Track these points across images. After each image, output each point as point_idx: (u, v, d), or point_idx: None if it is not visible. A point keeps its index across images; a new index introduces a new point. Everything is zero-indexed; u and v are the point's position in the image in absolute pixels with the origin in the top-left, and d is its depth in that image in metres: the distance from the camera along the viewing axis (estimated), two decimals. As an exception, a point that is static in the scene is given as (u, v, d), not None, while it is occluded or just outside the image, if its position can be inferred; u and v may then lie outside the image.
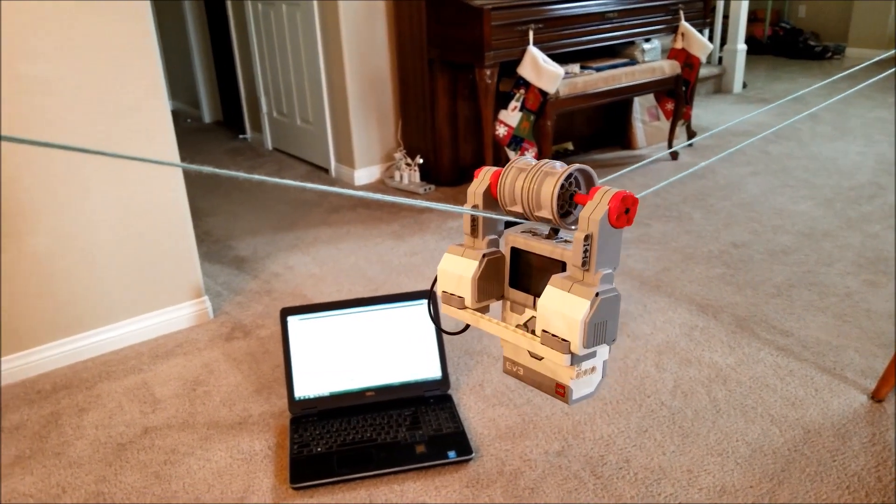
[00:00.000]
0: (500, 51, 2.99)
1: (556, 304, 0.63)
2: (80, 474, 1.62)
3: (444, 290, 0.76)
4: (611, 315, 0.63)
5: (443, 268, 0.76)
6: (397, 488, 1.52)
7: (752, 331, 2.08)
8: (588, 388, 0.69)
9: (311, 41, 3.57)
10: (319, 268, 2.61)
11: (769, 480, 1.51)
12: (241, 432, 1.73)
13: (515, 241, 0.72)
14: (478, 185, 0.73)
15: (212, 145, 4.52)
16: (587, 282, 0.63)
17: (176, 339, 2.16)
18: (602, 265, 0.63)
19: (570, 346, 0.63)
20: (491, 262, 0.73)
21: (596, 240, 0.61)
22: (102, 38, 1.87)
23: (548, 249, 0.69)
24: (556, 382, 0.69)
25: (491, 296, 0.75)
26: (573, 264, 0.64)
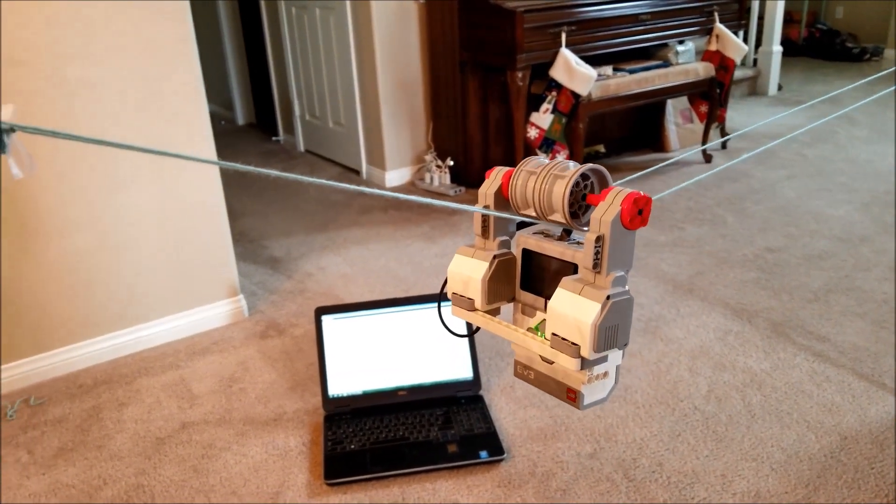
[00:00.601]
0: (533, 53, 2.99)
1: (566, 306, 0.62)
2: (120, 467, 1.66)
3: (454, 292, 0.75)
4: (622, 319, 0.62)
5: (452, 269, 0.74)
6: (429, 486, 1.53)
7: (787, 336, 2.06)
8: (600, 393, 0.68)
9: (343, 44, 3.60)
10: (351, 268, 2.63)
11: (804, 486, 1.49)
12: (276, 429, 1.75)
13: (527, 243, 0.71)
14: (489, 185, 0.71)
15: (245, 147, 4.58)
16: (598, 284, 0.62)
17: (212, 337, 2.20)
18: (614, 267, 0.61)
19: (581, 350, 0.61)
20: (502, 263, 0.72)
21: (608, 241, 0.60)
22: (145, 42, 1.91)
23: (559, 251, 0.67)
24: (568, 387, 0.67)
25: (502, 298, 0.73)
26: (584, 266, 0.62)
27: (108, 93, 1.90)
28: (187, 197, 2.10)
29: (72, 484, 1.61)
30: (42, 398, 1.94)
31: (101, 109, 1.90)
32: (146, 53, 1.92)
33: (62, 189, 1.90)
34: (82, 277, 2.00)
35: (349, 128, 3.81)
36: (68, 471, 1.66)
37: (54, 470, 1.66)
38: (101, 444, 1.75)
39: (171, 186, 2.06)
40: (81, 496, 1.57)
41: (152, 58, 1.93)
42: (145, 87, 1.94)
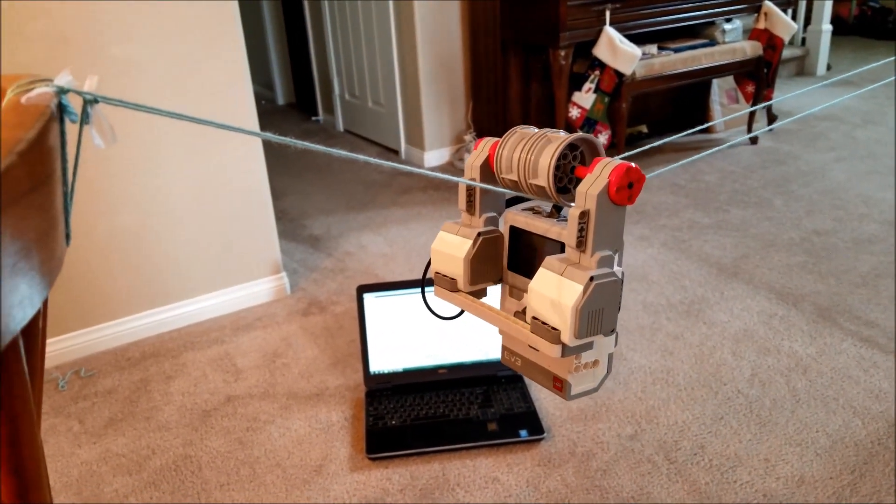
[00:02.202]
0: (576, 31, 2.95)
1: (547, 288, 0.56)
2: (167, 437, 1.71)
3: (437, 272, 0.69)
4: (608, 302, 0.56)
5: (436, 246, 0.68)
6: (470, 463, 1.54)
7: (834, 321, 2.01)
8: (589, 383, 0.62)
9: (384, 23, 3.60)
10: (390, 247, 2.65)
11: (850, 473, 1.47)
12: (318, 403, 1.78)
13: (515, 220, 0.65)
14: (476, 156, 0.65)
15: (285, 126, 4.62)
16: (583, 264, 0.56)
17: (256, 313, 2.24)
18: (600, 246, 0.56)
19: (561, 336, 0.56)
20: (487, 241, 0.66)
21: (593, 217, 0.55)
22: (190, 21, 1.93)
23: (546, 228, 0.62)
24: (554, 376, 0.62)
25: (487, 279, 0.68)
26: (569, 245, 0.57)
27: (152, 72, 1.92)
28: (232, 176, 2.13)
29: (121, 453, 1.66)
30: (92, 370, 2.00)
31: (146, 88, 1.92)
32: (191, 33, 1.94)
33: (110, 169, 1.94)
34: (130, 255, 2.04)
35: (389, 108, 3.81)
36: (118, 440, 1.71)
37: (104, 439, 1.71)
38: (149, 415, 1.80)
39: (216, 165, 2.09)
40: (131, 465, 1.62)
41: (197, 37, 1.95)
42: (189, 66, 1.97)
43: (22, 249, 0.37)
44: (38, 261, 0.39)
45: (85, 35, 1.81)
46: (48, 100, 0.41)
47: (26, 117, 0.39)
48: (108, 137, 0.42)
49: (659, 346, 1.94)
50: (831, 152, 3.41)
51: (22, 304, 0.37)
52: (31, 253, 0.38)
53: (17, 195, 0.36)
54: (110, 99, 0.42)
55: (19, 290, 0.36)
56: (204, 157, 2.07)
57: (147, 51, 1.90)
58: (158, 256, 2.09)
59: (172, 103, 1.96)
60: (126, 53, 1.87)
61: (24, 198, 0.37)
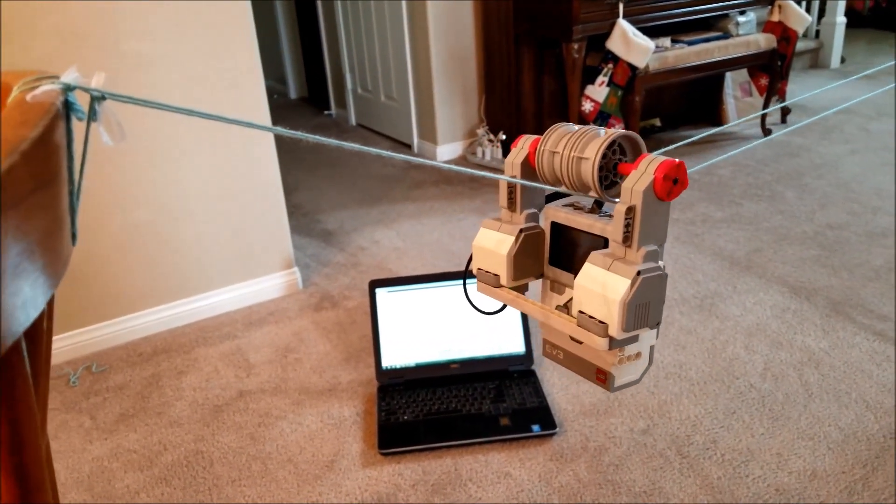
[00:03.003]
0: (589, 24, 2.94)
1: (593, 283, 0.58)
2: (179, 433, 1.72)
3: (479, 268, 0.71)
4: (654, 296, 0.58)
5: (477, 243, 0.70)
6: (482, 458, 1.55)
7: (847, 315, 2.00)
8: (632, 375, 0.64)
9: (397, 16, 3.60)
10: (403, 242, 2.65)
11: (862, 467, 1.46)
12: (330, 398, 1.79)
13: (556, 216, 0.67)
14: (516, 154, 0.67)
15: (298, 121, 4.63)
16: (629, 259, 0.58)
17: (268, 308, 2.25)
18: (646, 241, 0.57)
19: (609, 329, 0.57)
20: (529, 237, 0.67)
21: (639, 213, 0.56)
22: (204, 18, 1.94)
23: (589, 224, 0.63)
24: (597, 368, 0.64)
25: (529, 274, 0.69)
26: (614, 240, 0.59)
27: (166, 68, 1.94)
28: (244, 170, 2.14)
29: (133, 449, 1.68)
30: (104, 366, 2.02)
31: (159, 84, 1.94)
32: (204, 30, 1.95)
33: (124, 164, 1.96)
34: (142, 250, 2.06)
35: (401, 102, 3.81)
36: (129, 436, 1.72)
37: (116, 435, 1.73)
38: (160, 410, 1.81)
39: (228, 161, 2.11)
40: (142, 461, 1.63)
41: (210, 34, 1.96)
42: (203, 63, 1.98)
43: (25, 250, 0.36)
44: (42, 262, 0.39)
45: (98, 31, 1.82)
46: (54, 97, 0.41)
47: (31, 115, 0.39)
48: (117, 135, 0.43)
49: (671, 340, 1.93)
50: (845, 145, 3.37)
51: (25, 307, 0.37)
52: (34, 254, 0.37)
53: (21, 196, 0.35)
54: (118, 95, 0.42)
55: (22, 292, 0.36)
56: (217, 151, 2.08)
57: (161, 47, 1.91)
58: (171, 251, 2.11)
59: (185, 99, 1.98)
60: (140, 49, 1.88)
61: (28, 198, 0.36)
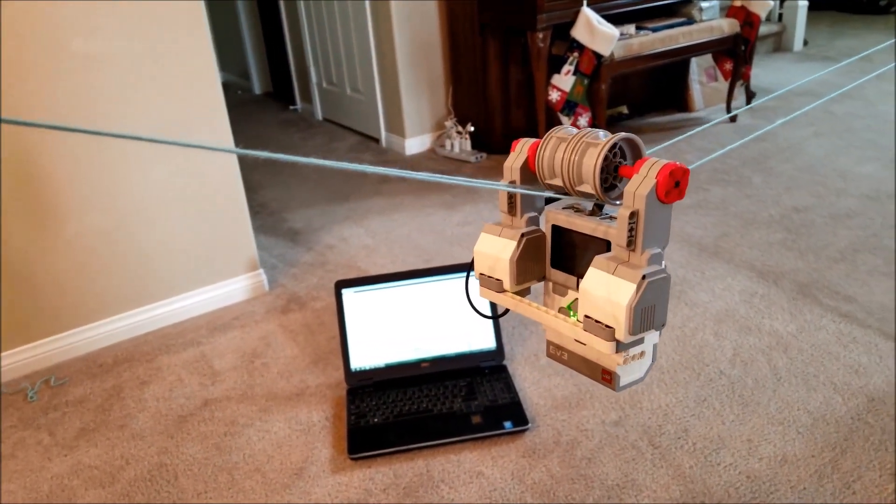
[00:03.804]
0: (553, 13, 2.92)
1: (599, 287, 0.58)
2: (142, 446, 1.68)
3: (481, 273, 0.71)
4: (659, 299, 0.58)
5: (479, 249, 0.70)
6: (454, 458, 1.54)
7: (814, 297, 2.02)
8: (637, 373, 0.64)
9: (359, 8, 3.55)
10: (373, 239, 2.63)
11: (831, 450, 1.48)
12: (298, 403, 1.76)
13: (556, 219, 0.67)
14: (515, 158, 0.67)
15: (263, 117, 4.56)
16: (633, 263, 0.58)
17: (233, 312, 2.21)
18: (650, 244, 0.58)
19: (615, 333, 0.58)
20: (530, 241, 0.68)
21: (642, 217, 0.57)
22: (154, 14, 1.89)
23: (591, 227, 0.64)
24: (603, 369, 0.64)
25: (531, 277, 0.70)
26: (618, 244, 0.59)
27: (116, 66, 1.88)
28: (202, 171, 2.09)
29: (94, 465, 1.63)
30: (63, 379, 1.96)
31: (109, 84, 1.88)
32: (155, 24, 1.90)
33: (77, 167, 1.90)
34: (99, 256, 2.01)
35: (367, 95, 3.77)
36: (90, 451, 1.67)
37: (76, 451, 1.68)
38: (122, 423, 1.76)
39: (186, 162, 2.06)
40: (104, 477, 1.59)
41: (161, 29, 1.91)
42: (155, 59, 1.92)
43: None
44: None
45: (41, 29, 1.75)
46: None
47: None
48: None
49: (641, 330, 1.93)
50: (809, 128, 3.41)
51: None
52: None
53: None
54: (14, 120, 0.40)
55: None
56: (173, 153, 2.03)
57: (110, 45, 1.85)
58: (130, 257, 2.06)
59: (138, 99, 1.92)
60: (88, 48, 1.82)
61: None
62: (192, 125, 2.02)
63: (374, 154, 3.63)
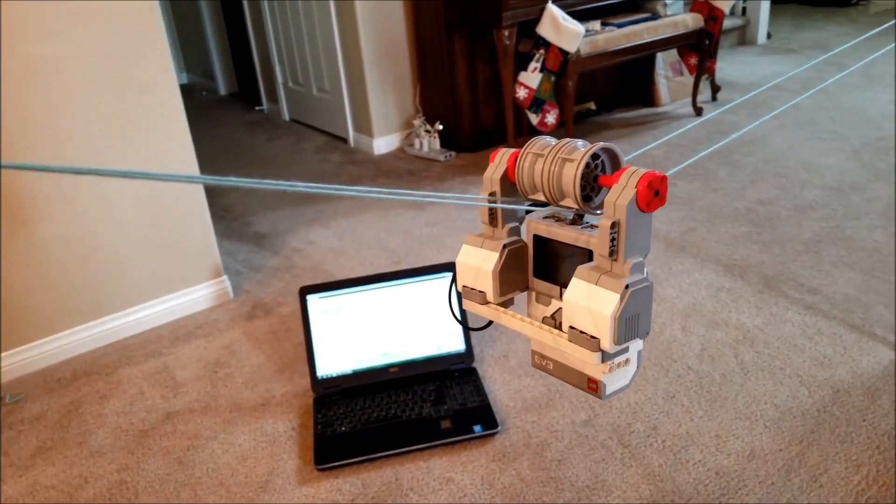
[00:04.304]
0: (519, 10, 2.92)
1: (582, 298, 0.59)
2: (101, 463, 1.63)
3: (464, 285, 0.71)
4: (643, 307, 0.59)
5: (461, 260, 0.70)
6: (423, 465, 1.52)
7: (779, 290, 2.03)
8: (622, 381, 0.65)
9: (323, 7, 3.51)
10: (340, 241, 2.60)
11: (798, 443, 1.49)
12: (264, 414, 1.73)
13: (537, 229, 0.67)
14: (494, 169, 0.67)
15: (229, 118, 4.50)
16: (616, 272, 0.59)
17: (196, 321, 2.17)
18: (631, 253, 0.58)
19: (601, 344, 0.58)
20: (512, 252, 0.68)
21: (624, 227, 0.57)
22: (106, 14, 1.84)
23: (573, 237, 0.64)
24: (589, 377, 0.64)
25: (515, 287, 0.70)
26: (600, 254, 0.59)
27: (72, 71, 1.83)
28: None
29: (51, 485, 1.58)
30: (19, 395, 1.90)
31: (65, 88, 1.83)
32: (109, 27, 1.85)
33: (29, 176, 1.85)
34: (55, 267, 1.95)
35: (334, 94, 3.74)
36: (47, 471, 1.62)
37: (32, 471, 1.62)
38: (81, 440, 1.71)
39: (143, 166, 2.01)
40: (61, 497, 1.53)
41: (116, 31, 1.86)
42: (111, 67, 1.88)
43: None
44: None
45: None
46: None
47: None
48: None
49: (609, 328, 1.93)
50: (773, 120, 3.44)
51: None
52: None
53: None
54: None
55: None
56: (130, 158, 1.98)
57: (65, 48, 1.80)
58: (88, 266, 2.00)
59: (94, 102, 1.87)
60: (39, 52, 1.77)
61: None
62: (148, 128, 1.98)
63: (342, 154, 3.59)
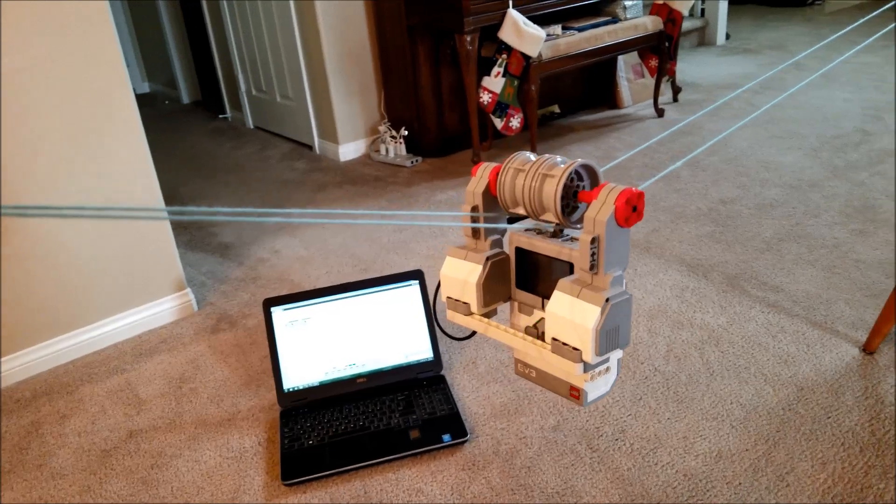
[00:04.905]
0: (480, 15, 2.92)
1: (565, 311, 0.60)
2: (63, 486, 1.58)
3: (449, 296, 0.73)
4: (623, 319, 0.61)
5: (445, 272, 0.72)
6: (392, 477, 1.51)
7: (742, 289, 2.06)
8: (603, 388, 0.67)
9: (285, 13, 3.48)
10: (307, 250, 2.58)
11: (764, 442, 1.50)
12: (230, 429, 1.70)
13: (519, 241, 0.69)
14: (476, 183, 0.69)
15: (192, 127, 4.44)
16: (596, 285, 0.60)
17: (160, 335, 2.13)
18: (611, 267, 0.60)
19: (583, 355, 0.60)
20: (496, 264, 0.70)
21: (603, 242, 0.59)
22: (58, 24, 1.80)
23: (554, 250, 0.66)
24: (571, 385, 0.66)
25: (498, 298, 0.72)
26: (581, 267, 0.61)
27: (21, 80, 1.78)
28: (119, 187, 2.00)
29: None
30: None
31: (15, 98, 1.78)
32: (61, 36, 1.80)
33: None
34: (12, 283, 1.90)
35: (298, 101, 3.71)
36: (6, 496, 1.57)
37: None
38: (41, 462, 1.66)
39: (103, 181, 1.97)
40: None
41: (68, 40, 1.82)
42: (62, 71, 1.83)
43: None
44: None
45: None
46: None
47: None
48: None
49: (577, 331, 1.94)
50: (733, 120, 3.49)
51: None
52: None
53: None
54: None
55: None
56: (89, 171, 1.94)
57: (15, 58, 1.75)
58: (47, 283, 1.96)
59: (46, 113, 1.83)
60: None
61: None
62: (103, 135, 1.93)
63: (308, 162, 3.57)
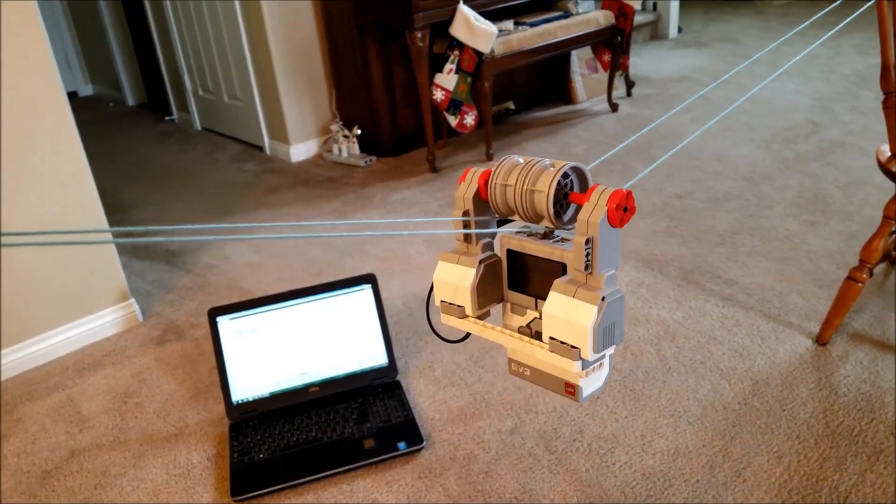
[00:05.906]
0: (430, 11, 2.88)
1: (561, 310, 0.63)
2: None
3: (442, 300, 0.74)
4: (618, 317, 0.63)
5: (439, 276, 0.74)
6: (346, 488, 1.46)
7: (697, 283, 2.07)
8: (597, 383, 0.69)
9: (230, 12, 3.40)
10: (257, 255, 2.51)
11: (721, 438, 1.50)
12: (177, 444, 1.64)
13: (510, 243, 0.71)
14: (466, 188, 0.71)
15: (138, 130, 4.32)
16: (591, 285, 0.62)
17: (103, 348, 2.05)
18: (604, 266, 0.62)
19: (581, 353, 0.62)
20: (488, 267, 0.72)
21: (597, 242, 0.61)
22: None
23: (546, 251, 0.67)
24: (566, 382, 0.68)
25: (491, 301, 0.74)
26: (575, 268, 0.63)
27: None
28: (53, 195, 1.92)
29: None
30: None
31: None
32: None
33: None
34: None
35: (246, 101, 3.62)
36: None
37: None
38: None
39: (39, 191, 1.89)
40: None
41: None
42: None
43: None
44: None
45: None
46: None
47: None
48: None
49: (533, 331, 1.92)
50: (686, 114, 3.51)
51: None
52: None
53: None
54: None
55: None
56: (26, 180, 1.85)
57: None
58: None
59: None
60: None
61: None
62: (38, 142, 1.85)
63: (259, 163, 3.49)
